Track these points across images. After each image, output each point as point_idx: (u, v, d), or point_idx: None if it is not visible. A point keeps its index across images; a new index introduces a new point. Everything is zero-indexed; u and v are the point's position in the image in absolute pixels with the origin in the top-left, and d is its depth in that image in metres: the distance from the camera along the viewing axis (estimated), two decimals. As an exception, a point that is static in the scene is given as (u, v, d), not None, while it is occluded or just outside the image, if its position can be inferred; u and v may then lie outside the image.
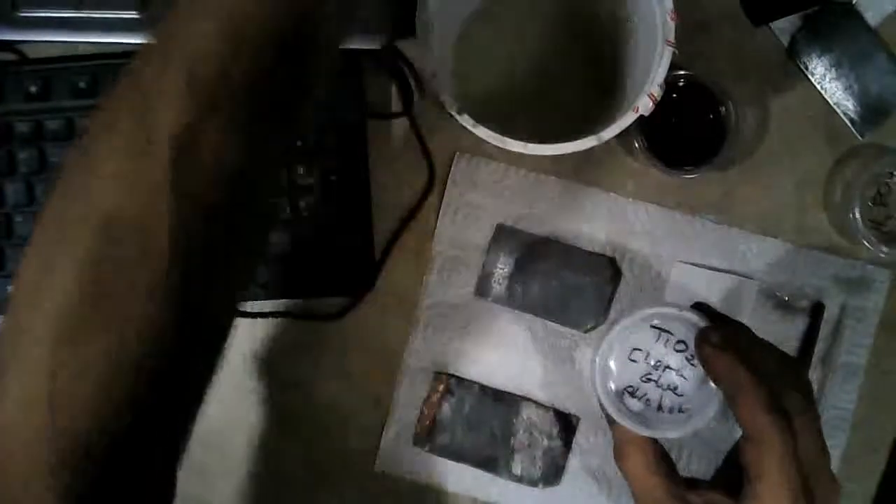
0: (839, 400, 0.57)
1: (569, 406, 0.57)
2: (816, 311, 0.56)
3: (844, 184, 0.56)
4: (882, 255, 0.55)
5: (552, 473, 0.56)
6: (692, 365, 0.43)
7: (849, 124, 0.56)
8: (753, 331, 0.43)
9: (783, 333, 0.57)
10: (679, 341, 0.43)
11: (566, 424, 0.56)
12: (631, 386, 0.43)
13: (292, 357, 0.57)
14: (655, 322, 0.43)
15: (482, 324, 0.57)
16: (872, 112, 0.56)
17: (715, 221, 0.57)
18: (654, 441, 0.42)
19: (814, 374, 0.57)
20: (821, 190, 0.57)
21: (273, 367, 0.57)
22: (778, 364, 0.40)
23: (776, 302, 0.57)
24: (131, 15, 0.55)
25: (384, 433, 0.57)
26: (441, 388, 0.56)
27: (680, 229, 0.57)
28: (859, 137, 0.56)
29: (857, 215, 0.54)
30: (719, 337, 0.40)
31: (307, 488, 0.57)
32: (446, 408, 0.56)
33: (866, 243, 0.54)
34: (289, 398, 0.57)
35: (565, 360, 0.57)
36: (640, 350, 0.43)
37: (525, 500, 0.57)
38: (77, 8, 0.54)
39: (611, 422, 0.43)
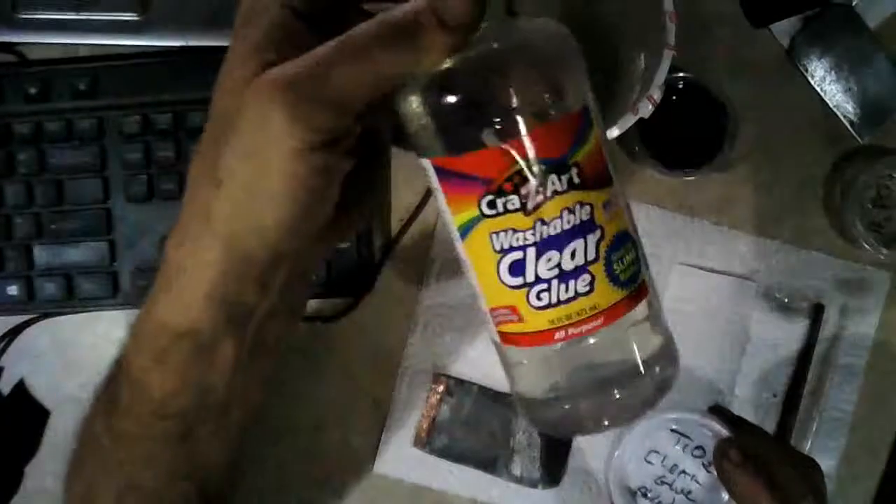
0: (839, 400, 0.57)
1: (568, 407, 0.57)
2: (816, 312, 0.56)
3: (844, 185, 0.56)
4: (881, 257, 0.55)
5: (552, 474, 0.56)
6: (708, 471, 0.43)
7: (848, 126, 0.56)
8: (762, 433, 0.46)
9: (783, 335, 0.57)
10: (697, 447, 0.44)
11: (566, 425, 0.56)
12: (644, 487, 0.44)
13: (292, 358, 0.57)
14: (675, 426, 0.44)
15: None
16: (872, 114, 0.56)
17: (715, 223, 0.57)
18: None
19: (813, 375, 0.57)
20: (820, 191, 0.57)
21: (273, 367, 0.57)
22: (793, 471, 0.42)
23: (776, 303, 0.57)
24: (131, 17, 0.55)
25: (384, 434, 0.57)
26: (440, 389, 0.56)
27: (680, 231, 0.57)
28: (859, 139, 0.56)
29: (857, 217, 0.54)
30: (738, 454, 0.42)
31: (307, 488, 0.57)
32: (445, 409, 0.56)
33: (866, 245, 0.54)
34: (289, 399, 0.57)
35: (565, 361, 0.57)
36: (657, 452, 0.44)
37: (525, 501, 0.57)
38: (77, 10, 0.54)
39: None
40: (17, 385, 0.57)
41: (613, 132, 0.45)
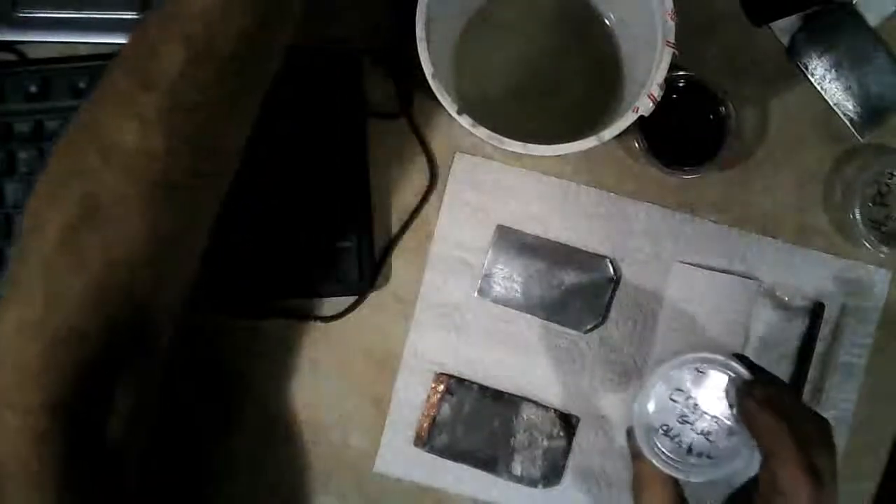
0: (839, 400, 0.57)
1: (569, 406, 0.57)
2: (816, 311, 0.56)
3: (844, 184, 0.56)
4: (882, 256, 0.55)
5: (552, 473, 0.56)
6: (729, 413, 0.43)
7: (849, 125, 0.56)
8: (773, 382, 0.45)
9: (783, 333, 0.57)
10: (720, 388, 0.44)
11: (566, 424, 0.56)
12: (666, 425, 0.44)
13: (292, 357, 0.57)
14: (700, 367, 0.44)
15: (482, 324, 0.57)
16: (872, 112, 0.56)
17: (715, 221, 0.57)
18: (676, 482, 0.44)
19: (813, 375, 0.57)
20: (821, 190, 0.57)
21: (273, 367, 0.57)
22: (812, 425, 0.42)
23: (776, 302, 0.57)
24: (131, 15, 0.55)
25: (384, 433, 0.57)
26: (441, 388, 0.56)
27: (680, 229, 0.57)
28: (859, 138, 0.56)
29: (857, 215, 0.54)
30: (763, 394, 0.42)
31: (307, 488, 0.57)
32: (446, 408, 0.56)
33: (866, 243, 0.54)
34: (288, 398, 0.57)
35: (565, 360, 0.57)
36: (681, 391, 0.44)
37: (525, 501, 0.57)
38: (77, 8, 0.54)
39: (635, 455, 0.44)
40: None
41: (614, 131, 0.45)
